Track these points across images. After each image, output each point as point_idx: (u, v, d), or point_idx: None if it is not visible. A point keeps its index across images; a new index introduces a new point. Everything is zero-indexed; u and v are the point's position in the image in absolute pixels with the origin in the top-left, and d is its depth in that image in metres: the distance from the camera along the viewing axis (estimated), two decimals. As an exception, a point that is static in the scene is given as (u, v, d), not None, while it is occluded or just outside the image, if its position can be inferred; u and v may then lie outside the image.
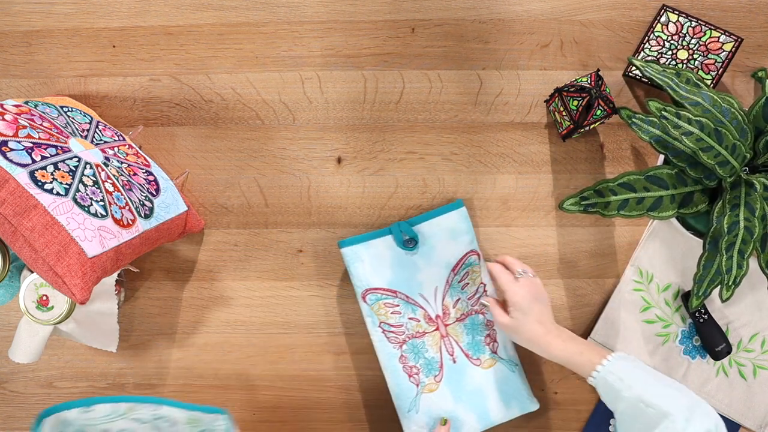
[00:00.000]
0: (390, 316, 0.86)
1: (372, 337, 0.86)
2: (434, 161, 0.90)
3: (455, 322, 0.87)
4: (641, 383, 0.69)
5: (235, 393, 0.90)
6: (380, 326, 0.86)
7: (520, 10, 0.90)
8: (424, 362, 0.86)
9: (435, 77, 0.90)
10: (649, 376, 0.71)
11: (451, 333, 0.87)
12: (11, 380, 0.91)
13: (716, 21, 0.89)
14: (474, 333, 0.87)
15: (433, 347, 0.87)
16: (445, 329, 0.87)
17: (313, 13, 0.90)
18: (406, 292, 0.86)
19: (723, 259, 0.73)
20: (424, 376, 0.86)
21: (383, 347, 0.86)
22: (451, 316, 0.87)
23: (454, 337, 0.87)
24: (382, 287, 0.85)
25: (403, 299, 0.86)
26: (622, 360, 0.73)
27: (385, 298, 0.86)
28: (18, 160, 0.64)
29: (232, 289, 0.90)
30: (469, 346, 0.87)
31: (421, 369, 0.86)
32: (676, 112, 0.73)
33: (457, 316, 0.87)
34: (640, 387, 0.69)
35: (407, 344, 0.86)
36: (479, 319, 0.88)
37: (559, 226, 0.90)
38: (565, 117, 0.84)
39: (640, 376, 0.71)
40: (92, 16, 0.90)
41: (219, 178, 0.90)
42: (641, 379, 0.70)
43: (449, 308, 0.87)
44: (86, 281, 0.66)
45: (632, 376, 0.70)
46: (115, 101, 0.90)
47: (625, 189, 0.77)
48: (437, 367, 0.86)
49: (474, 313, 0.88)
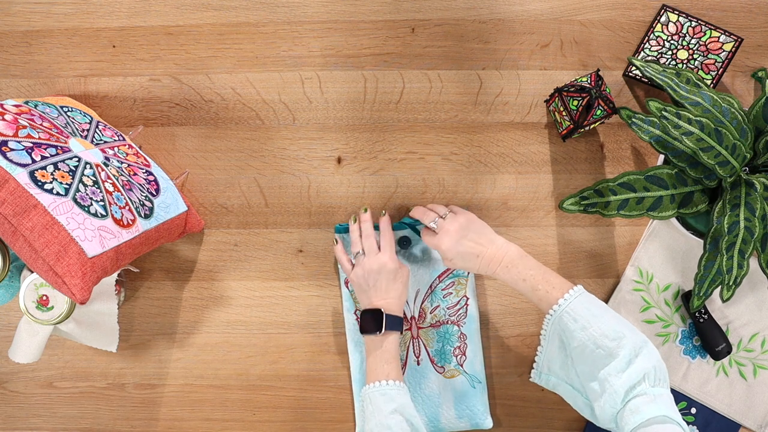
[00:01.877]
0: None
1: (345, 321, 0.88)
2: (434, 161, 0.90)
3: (429, 327, 0.88)
4: (594, 324, 0.69)
5: (235, 393, 0.90)
6: (355, 313, 0.88)
7: (520, 10, 0.90)
8: None
9: (435, 77, 0.90)
10: (600, 316, 0.71)
11: (422, 336, 0.88)
12: (11, 380, 0.91)
13: (716, 21, 0.89)
14: (444, 342, 0.88)
15: (401, 345, 0.88)
16: (417, 331, 0.88)
17: (313, 13, 0.90)
18: None
19: (723, 259, 0.73)
20: None
21: (353, 334, 0.88)
22: (426, 321, 0.88)
23: (424, 341, 0.88)
24: None
25: None
26: (580, 297, 0.73)
27: None
28: (18, 160, 0.64)
29: (232, 289, 0.90)
30: (437, 353, 0.88)
31: None
32: (676, 112, 0.73)
33: (432, 322, 0.88)
34: (593, 328, 0.69)
35: None
36: (453, 330, 0.88)
37: (559, 226, 0.90)
38: (565, 117, 0.84)
39: (594, 315, 0.71)
40: (92, 16, 0.90)
41: (219, 178, 0.90)
42: (593, 319, 0.70)
43: (426, 313, 0.88)
44: (86, 281, 0.65)
45: (585, 315, 0.71)
46: (115, 101, 0.90)
47: (625, 189, 0.77)
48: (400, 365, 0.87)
49: (449, 323, 0.88)
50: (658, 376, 0.66)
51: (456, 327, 0.88)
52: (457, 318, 0.88)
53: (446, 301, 0.88)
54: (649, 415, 0.63)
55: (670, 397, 0.67)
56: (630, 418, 0.64)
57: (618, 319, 0.71)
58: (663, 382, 0.67)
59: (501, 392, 0.90)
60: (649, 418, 0.63)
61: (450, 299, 0.88)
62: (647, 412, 0.63)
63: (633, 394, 0.65)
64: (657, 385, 0.66)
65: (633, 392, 0.66)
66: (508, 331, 0.90)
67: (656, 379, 0.66)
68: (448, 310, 0.88)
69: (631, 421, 0.64)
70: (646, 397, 0.65)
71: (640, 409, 0.64)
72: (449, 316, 0.88)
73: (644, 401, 0.65)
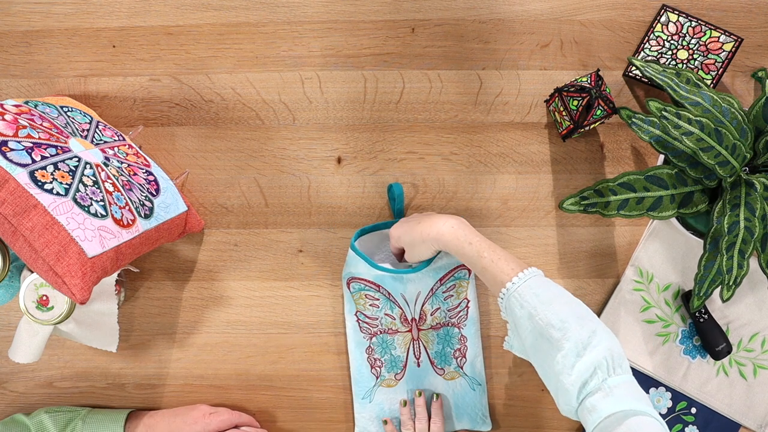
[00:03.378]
0: (368, 308, 0.87)
1: (346, 322, 0.88)
2: (434, 161, 0.90)
3: (430, 329, 0.88)
4: (540, 312, 0.64)
5: (235, 393, 0.90)
6: (356, 314, 0.87)
7: (520, 10, 0.90)
8: (390, 358, 0.88)
9: (435, 77, 0.90)
10: (548, 303, 0.65)
11: (422, 338, 0.88)
12: (11, 380, 0.91)
13: (716, 21, 0.89)
14: (445, 344, 0.88)
15: (402, 346, 0.88)
16: (418, 333, 0.88)
17: (313, 13, 0.90)
18: (389, 289, 0.87)
19: (723, 260, 0.73)
20: (385, 371, 0.88)
21: (354, 334, 0.88)
22: (426, 322, 0.88)
23: (424, 343, 0.88)
24: (368, 279, 0.86)
25: (385, 295, 0.87)
26: (530, 280, 0.67)
27: (367, 289, 0.86)
28: (18, 160, 0.64)
29: (232, 289, 0.90)
30: (437, 354, 0.88)
31: (385, 364, 0.88)
32: (676, 112, 0.73)
33: (432, 324, 0.88)
34: (539, 316, 0.64)
35: (377, 337, 0.87)
36: (454, 332, 0.88)
37: (559, 226, 0.90)
38: (565, 117, 0.84)
39: (541, 301, 0.65)
40: (92, 16, 0.90)
41: (219, 178, 0.90)
42: (540, 306, 0.65)
43: (427, 315, 0.88)
44: (86, 281, 0.65)
45: (532, 302, 0.65)
46: (115, 101, 0.90)
47: (625, 189, 0.77)
48: (401, 366, 0.88)
49: (450, 325, 0.88)
50: (612, 364, 0.61)
51: (456, 329, 0.88)
52: (457, 320, 0.88)
53: (447, 303, 0.88)
54: (606, 412, 0.58)
55: (628, 384, 0.61)
56: (588, 417, 0.60)
57: (569, 306, 0.65)
58: (620, 368, 0.61)
59: (501, 392, 0.90)
60: (606, 416, 0.58)
61: (451, 301, 0.88)
62: (603, 410, 0.59)
63: (586, 391, 0.61)
64: (612, 374, 0.61)
65: (586, 389, 0.61)
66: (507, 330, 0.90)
67: (610, 368, 0.61)
68: (449, 312, 0.88)
69: (590, 420, 0.60)
70: (601, 393, 0.60)
71: (597, 406, 0.59)
72: (450, 318, 0.88)
73: (599, 397, 0.60)
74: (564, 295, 0.67)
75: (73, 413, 0.84)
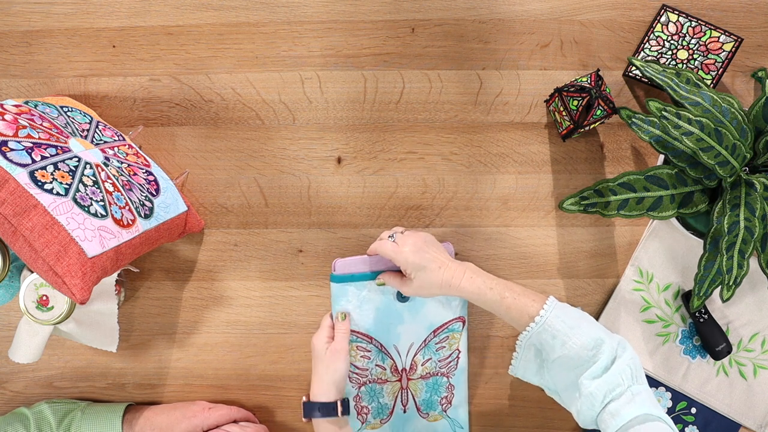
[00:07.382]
0: (359, 359, 0.86)
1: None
2: (434, 161, 0.90)
3: (419, 379, 0.88)
4: (573, 337, 0.68)
5: (235, 393, 0.90)
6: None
7: (520, 10, 0.90)
8: (376, 405, 0.87)
9: (435, 77, 0.90)
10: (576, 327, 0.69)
11: (411, 387, 0.88)
12: (11, 380, 0.91)
13: (716, 21, 0.89)
14: (433, 392, 0.88)
15: (390, 395, 0.88)
16: (407, 382, 0.88)
17: (313, 13, 0.90)
18: (381, 341, 0.86)
19: (723, 259, 0.73)
20: (372, 417, 0.87)
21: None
22: (416, 372, 0.87)
23: (413, 391, 0.88)
24: (360, 332, 0.85)
25: (377, 347, 0.86)
26: (554, 310, 0.71)
27: (359, 341, 0.85)
28: (18, 160, 0.64)
29: (232, 289, 0.90)
30: (424, 402, 0.88)
31: (371, 411, 0.87)
32: (676, 112, 0.73)
33: (422, 374, 0.87)
34: (572, 341, 0.68)
35: (366, 387, 0.87)
36: (443, 381, 0.88)
37: (559, 226, 0.90)
38: (565, 117, 0.84)
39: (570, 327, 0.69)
40: (92, 16, 0.90)
41: (219, 178, 0.90)
42: (571, 332, 0.69)
43: (417, 365, 0.87)
44: (86, 281, 0.65)
45: (563, 329, 0.69)
46: (115, 101, 0.90)
47: (625, 189, 0.77)
48: (387, 413, 0.88)
49: (439, 375, 0.88)
50: (635, 374, 0.66)
51: (445, 378, 0.88)
52: (447, 370, 0.87)
53: (438, 354, 0.87)
54: (630, 416, 0.63)
55: (648, 392, 0.66)
56: (611, 421, 0.64)
57: (591, 324, 0.70)
58: (640, 379, 0.67)
59: (501, 392, 0.90)
60: (629, 420, 0.63)
61: (442, 352, 0.87)
62: (627, 414, 0.63)
63: (611, 397, 0.65)
64: (635, 383, 0.66)
65: (611, 394, 0.65)
66: (508, 330, 0.90)
67: (633, 377, 0.66)
68: (439, 363, 0.87)
69: (612, 425, 0.64)
70: (624, 398, 0.65)
71: (620, 411, 0.64)
72: (440, 368, 0.87)
73: (623, 402, 0.64)
74: (583, 315, 0.72)
75: (72, 405, 0.84)
